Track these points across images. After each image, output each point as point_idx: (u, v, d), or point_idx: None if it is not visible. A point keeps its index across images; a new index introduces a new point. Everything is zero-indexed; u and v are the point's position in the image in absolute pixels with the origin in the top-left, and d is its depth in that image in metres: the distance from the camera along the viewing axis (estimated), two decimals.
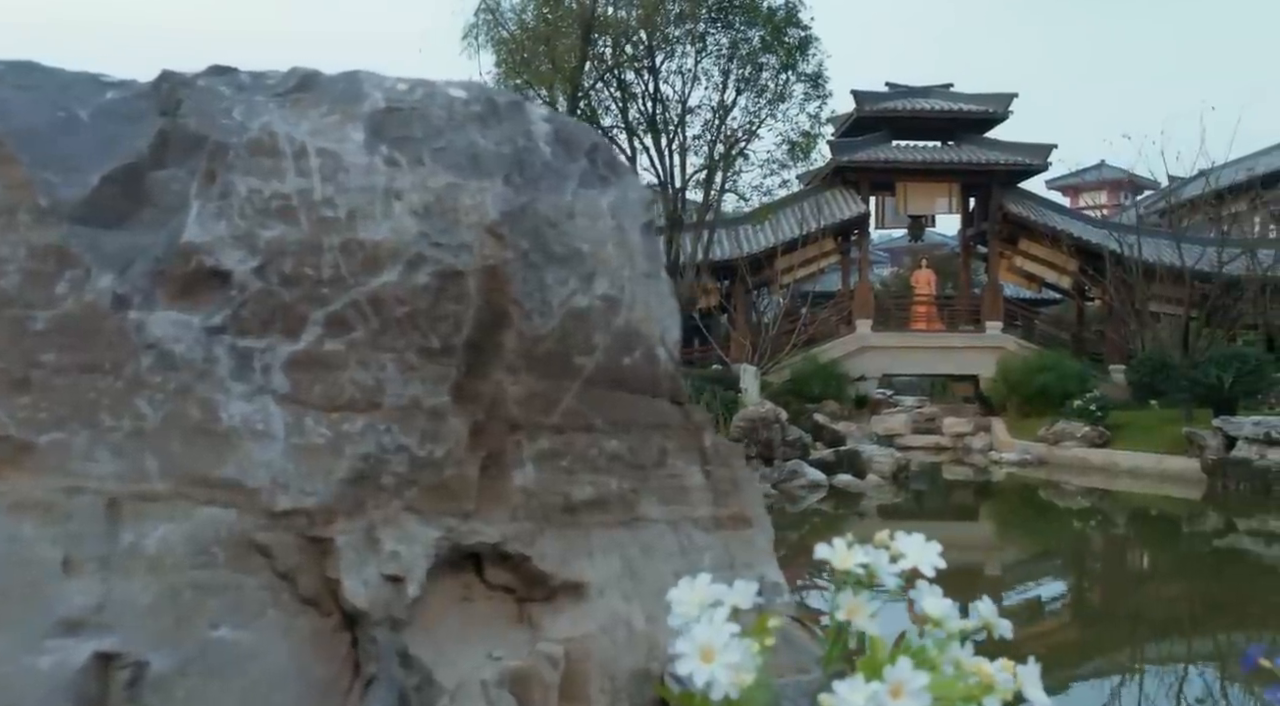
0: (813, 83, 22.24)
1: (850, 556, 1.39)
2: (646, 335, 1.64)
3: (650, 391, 1.69)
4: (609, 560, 1.62)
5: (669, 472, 1.83)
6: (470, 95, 1.48)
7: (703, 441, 2.00)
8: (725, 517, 2.01)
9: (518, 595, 1.55)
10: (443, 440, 1.42)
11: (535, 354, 1.48)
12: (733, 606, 1.33)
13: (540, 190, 1.49)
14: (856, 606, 1.36)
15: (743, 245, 25.46)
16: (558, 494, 1.54)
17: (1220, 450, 16.76)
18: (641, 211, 1.67)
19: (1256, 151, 30.48)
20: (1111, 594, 10.11)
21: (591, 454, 1.59)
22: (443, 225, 1.39)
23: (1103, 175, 43.80)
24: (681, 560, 1.83)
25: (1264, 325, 22.72)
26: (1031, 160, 25.79)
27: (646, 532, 1.73)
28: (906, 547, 1.40)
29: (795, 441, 17.24)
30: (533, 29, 19.60)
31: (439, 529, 1.41)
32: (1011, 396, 23.64)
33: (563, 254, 1.50)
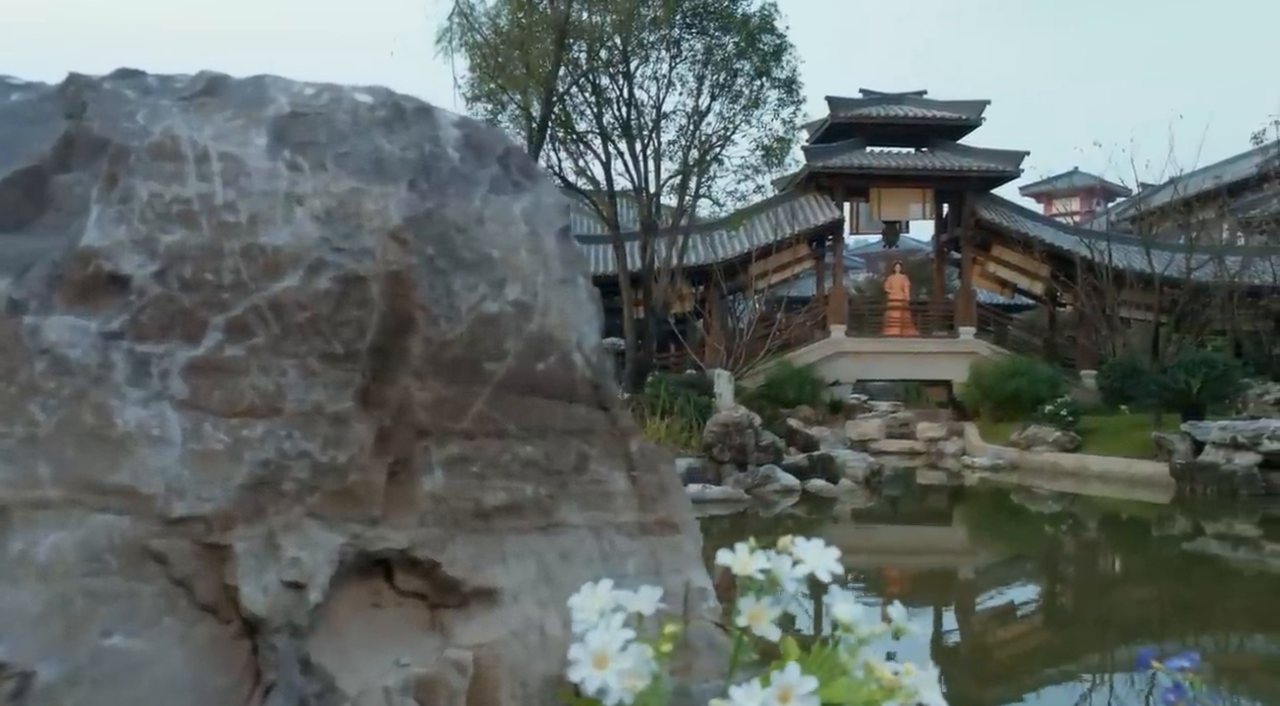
0: (787, 89, 22.33)
1: (751, 562, 1.40)
2: (562, 341, 1.64)
3: (567, 397, 1.69)
4: (524, 566, 1.62)
5: (591, 478, 1.83)
6: (376, 100, 1.48)
7: (629, 447, 2.00)
8: (652, 523, 2.01)
9: (429, 601, 1.55)
10: (346, 445, 1.41)
11: (443, 359, 1.48)
12: (634, 612, 1.33)
13: (448, 196, 1.48)
14: (758, 612, 1.36)
15: (717, 250, 25.53)
16: (468, 499, 1.54)
17: (1188, 454, 16.92)
18: (557, 217, 1.67)
19: (1224, 160, 30.86)
20: (1082, 597, 10.19)
21: (504, 459, 1.59)
22: (345, 230, 1.39)
23: (1076, 182, 44.19)
24: (603, 566, 1.83)
25: (1232, 331, 22.99)
26: (1004, 167, 26.01)
27: (565, 538, 1.73)
28: (805, 553, 1.41)
29: (769, 446, 17.28)
30: (506, 33, 19.57)
31: (343, 535, 1.41)
32: (984, 401, 23.81)
33: (472, 259, 1.50)
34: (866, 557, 12.70)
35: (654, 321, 22.08)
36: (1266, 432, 16.21)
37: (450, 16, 19.49)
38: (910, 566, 12.34)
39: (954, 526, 16.02)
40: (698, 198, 22.90)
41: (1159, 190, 26.07)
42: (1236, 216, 26.43)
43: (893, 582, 11.29)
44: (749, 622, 1.34)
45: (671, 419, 18.36)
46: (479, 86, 20.47)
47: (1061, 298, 26.58)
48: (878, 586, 11.10)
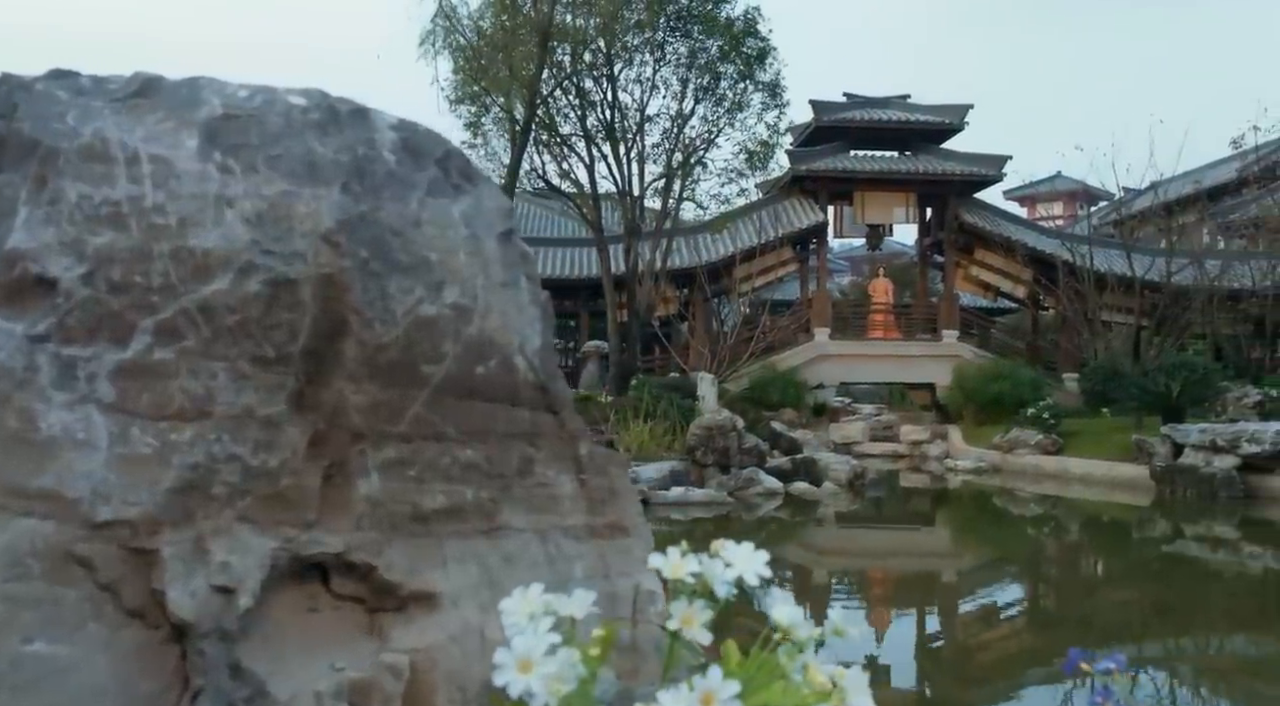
0: (770, 92, 22.40)
1: (682, 566, 1.39)
2: (502, 344, 1.64)
3: (509, 400, 1.69)
4: (465, 569, 1.61)
5: (537, 481, 1.83)
6: (310, 102, 1.47)
7: (578, 450, 2.00)
8: (601, 526, 2.01)
9: (368, 605, 1.54)
10: (278, 449, 1.40)
11: (379, 362, 1.47)
12: (565, 616, 1.33)
13: (383, 199, 1.48)
14: (690, 615, 1.36)
15: (701, 253, 25.54)
16: (406, 503, 1.53)
17: (1168, 457, 16.99)
18: (499, 220, 1.67)
19: (1204, 165, 31.07)
20: (1062, 599, 10.21)
21: (443, 463, 1.58)
22: (276, 233, 1.38)
23: (1058, 186, 44.43)
24: (549, 569, 1.83)
25: (1212, 334, 23.14)
26: (987, 171, 26.11)
27: (509, 542, 1.73)
28: (735, 556, 1.41)
29: (752, 449, 17.29)
30: (490, 36, 19.55)
31: (276, 539, 1.40)
32: (967, 404, 23.89)
33: (408, 262, 1.50)
34: (849, 560, 12.73)
35: (638, 324, 22.08)
36: (1245, 435, 16.29)
37: (434, 19, 19.48)
38: (892, 569, 12.35)
39: (936, 529, 16.06)
40: (681, 201, 22.93)
41: (1140, 194, 26.23)
42: (1216, 221, 26.61)
43: (874, 585, 11.31)
44: (681, 626, 1.34)
45: (655, 422, 18.36)
46: (462, 89, 20.45)
47: (1044, 301, 26.70)
48: (859, 588, 11.12)
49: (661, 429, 18.21)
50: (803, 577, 11.46)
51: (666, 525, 14.12)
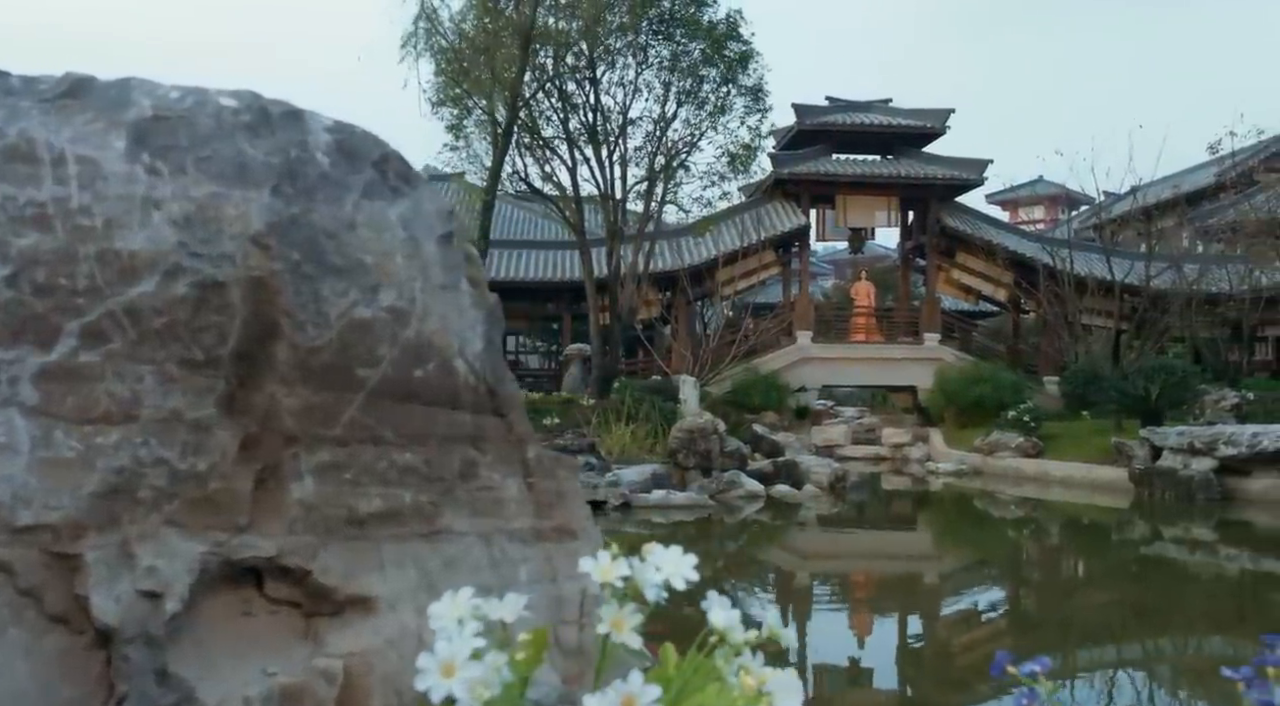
0: (753, 96, 22.46)
1: (612, 569, 1.39)
2: (442, 347, 1.63)
3: (449, 404, 1.68)
4: (403, 574, 1.60)
5: (481, 485, 1.82)
6: (241, 104, 1.46)
7: (525, 453, 1.99)
8: (548, 529, 2.00)
9: (303, 609, 1.53)
10: (207, 452, 1.39)
11: (312, 365, 1.47)
12: (496, 620, 1.32)
13: (316, 201, 1.47)
14: (620, 619, 1.36)
15: (684, 256, 25.60)
16: (342, 506, 1.52)
17: (1147, 460, 17.09)
18: (438, 223, 1.66)
19: (1183, 170, 31.31)
20: (1041, 601, 10.25)
21: (380, 466, 1.57)
22: (204, 235, 1.37)
23: (1040, 190, 44.71)
24: (492, 573, 1.82)
25: (1191, 337, 23.32)
26: (968, 175, 26.26)
27: (450, 546, 1.72)
28: (663, 560, 1.40)
29: (733, 452, 17.32)
30: (472, 38, 19.53)
31: (205, 543, 1.39)
32: (949, 407, 23.99)
33: (342, 265, 1.49)
34: (830, 563, 12.76)
35: (620, 327, 22.09)
36: (1222, 438, 16.40)
37: (415, 21, 19.44)
38: (873, 571, 12.39)
39: (917, 532, 16.11)
40: (664, 204, 22.96)
41: (1120, 199, 26.43)
42: (1195, 225, 26.83)
43: (855, 587, 11.34)
44: (610, 629, 1.34)
45: (637, 424, 18.36)
46: (444, 91, 20.42)
47: (1025, 304, 26.87)
48: (841, 591, 11.14)
49: (643, 431, 18.22)
50: (784, 580, 11.49)
51: (648, 528, 14.12)
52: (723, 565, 12.03)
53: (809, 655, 7.83)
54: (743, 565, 12.15)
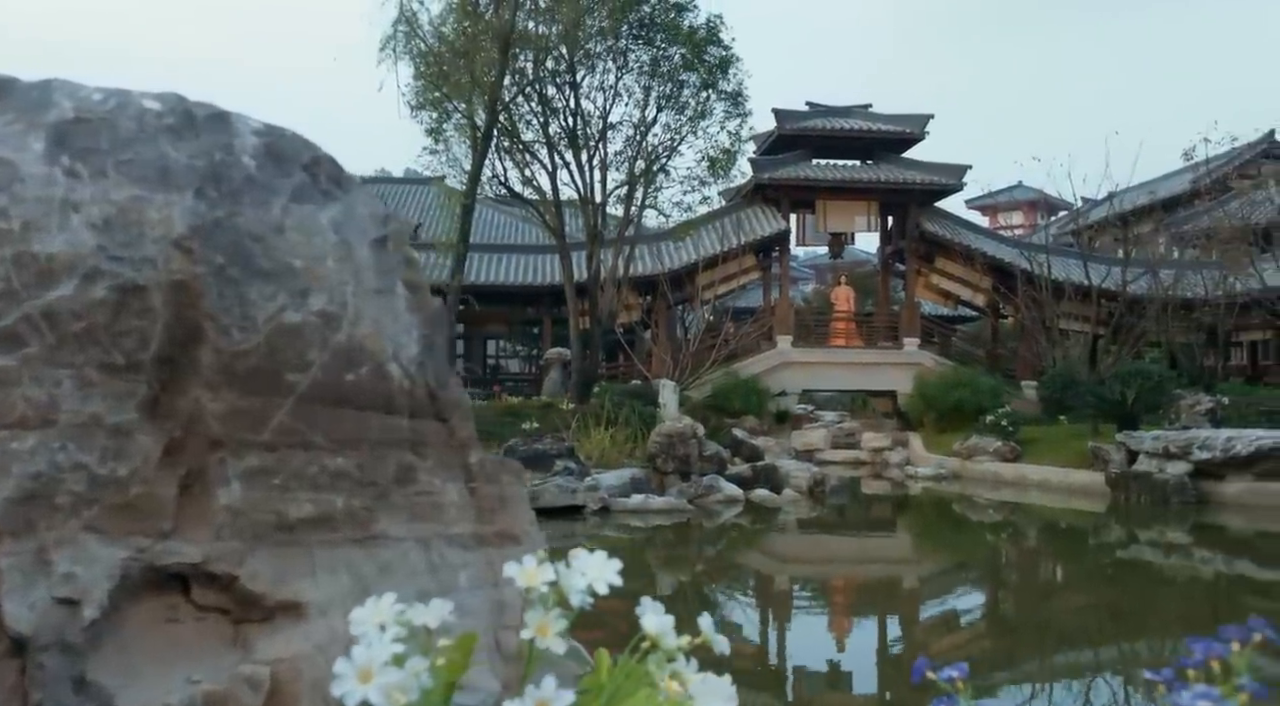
0: (733, 101, 22.50)
1: (537, 574, 1.38)
2: (375, 351, 1.62)
3: (383, 408, 1.67)
4: (336, 579, 1.59)
5: (419, 490, 1.81)
6: (165, 107, 1.45)
7: (467, 458, 1.99)
8: (490, 534, 2.00)
9: (232, 616, 1.52)
10: (128, 457, 1.38)
11: (238, 370, 1.45)
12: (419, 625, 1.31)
13: (242, 204, 1.46)
14: (544, 624, 1.35)
15: (664, 261, 25.60)
16: (270, 512, 1.51)
17: (1123, 464, 17.19)
18: (372, 227, 1.65)
19: (1159, 176, 31.57)
20: (1018, 605, 10.28)
21: (311, 471, 1.56)
22: (124, 239, 1.36)
23: (1019, 196, 44.97)
24: (431, 578, 1.81)
25: (1167, 342, 23.47)
26: (947, 180, 26.35)
27: (386, 551, 1.71)
28: (586, 565, 1.39)
29: (713, 456, 17.32)
30: (451, 42, 19.49)
31: (127, 549, 1.38)
32: (928, 411, 24.06)
33: (269, 269, 1.48)
34: (810, 567, 12.77)
35: (600, 331, 22.07)
36: (1197, 442, 16.51)
37: (394, 24, 19.38)
38: (852, 575, 12.41)
39: (896, 536, 16.15)
40: (644, 208, 22.98)
41: (1098, 205, 26.60)
42: (1170, 231, 27.03)
43: (834, 591, 11.35)
44: (535, 635, 1.33)
45: (616, 429, 18.35)
46: (423, 95, 20.37)
47: (1003, 309, 26.99)
48: (820, 595, 11.15)
49: (623, 436, 18.21)
50: (761, 584, 11.49)
51: (626, 532, 14.10)
52: (701, 569, 12.03)
53: (788, 659, 7.85)
54: (721, 569, 12.15)
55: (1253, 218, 23.96)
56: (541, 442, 16.10)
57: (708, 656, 1.21)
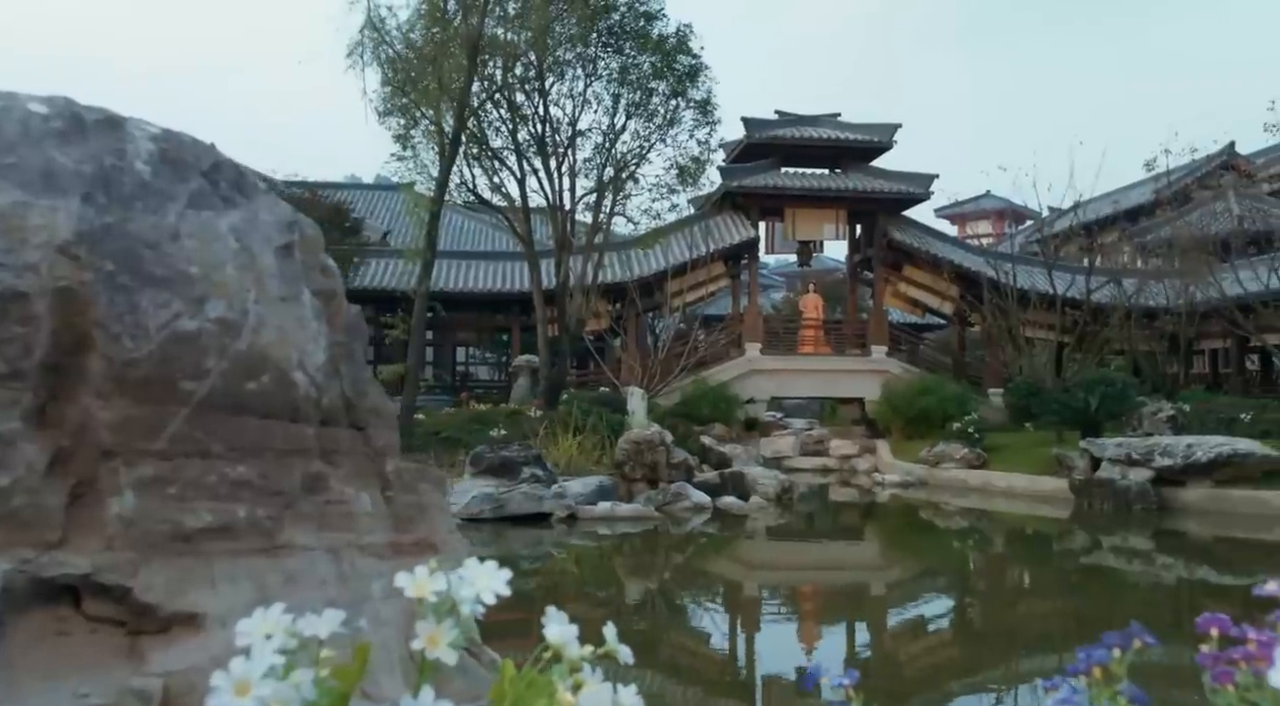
0: (702, 109, 22.56)
1: (427, 584, 1.36)
2: (278, 359, 1.61)
3: (288, 416, 1.65)
4: (237, 589, 1.57)
5: (330, 498, 1.80)
6: (53, 111, 1.43)
7: (383, 467, 1.97)
8: (407, 544, 1.98)
9: (127, 628, 1.49)
10: (10, 467, 1.36)
11: (130, 378, 1.43)
12: (307, 637, 1.29)
13: (134, 210, 1.44)
14: (435, 635, 1.33)
15: (633, 268, 25.62)
16: (166, 521, 1.49)
17: (1087, 471, 17.35)
18: (277, 234, 1.64)
19: (1123, 186, 31.97)
20: (983, 611, 10.35)
21: (209, 480, 1.54)
22: (5, 245, 1.34)
23: (988, 205, 45.41)
24: (341, 588, 1.79)
25: (1130, 350, 23.74)
26: (915, 189, 26.55)
27: (292, 560, 1.69)
28: (475, 575, 1.38)
29: (680, 464, 17.33)
30: (419, 48, 19.43)
31: (10, 560, 1.35)
32: (895, 418, 24.19)
33: (163, 276, 1.46)
34: (776, 574, 12.80)
35: (568, 339, 22.04)
36: (1158, 449, 16.72)
37: (362, 30, 19.31)
38: (817, 581, 12.44)
39: (863, 543, 16.22)
40: (612, 215, 22.98)
41: (1063, 214, 26.90)
42: (1134, 241, 27.37)
43: (802, 599, 11.38)
44: (425, 646, 1.31)
45: (584, 436, 18.32)
46: (391, 101, 20.30)
47: (970, 318, 27.21)
48: (782, 601, 11.17)
49: (591, 443, 18.18)
50: (729, 592, 11.49)
51: (593, 540, 14.07)
52: (669, 577, 12.02)
53: (756, 666, 7.86)
54: (688, 577, 12.14)
55: (1212, 228, 24.32)
56: (509, 450, 16.03)
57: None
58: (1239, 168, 30.55)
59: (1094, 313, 23.42)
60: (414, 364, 18.46)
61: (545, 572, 12.43)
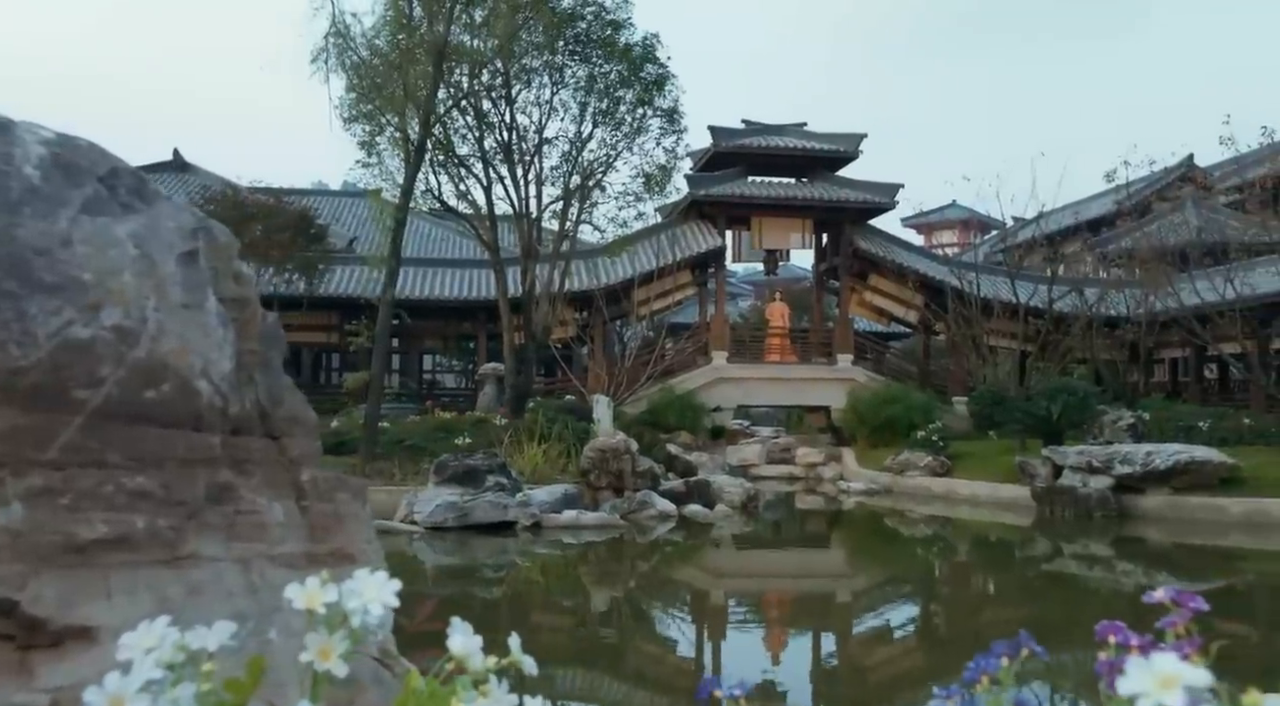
0: (669, 118, 22.63)
1: (318, 596, 1.35)
2: (180, 368, 1.58)
3: (191, 425, 1.63)
4: (136, 602, 1.54)
5: (240, 508, 1.77)
6: None
7: (299, 476, 1.95)
8: (323, 554, 1.96)
9: (17, 642, 1.46)
10: None
11: (18, 387, 1.41)
12: (194, 649, 1.27)
13: (22, 216, 1.41)
14: (326, 648, 1.31)
15: (600, 276, 25.62)
16: (57, 533, 1.46)
17: (1048, 478, 17.51)
18: (180, 240, 1.61)
19: (1085, 197, 32.40)
20: (949, 618, 10.39)
21: (106, 491, 1.51)
22: None
23: (953, 214, 45.84)
24: (250, 599, 1.77)
25: (1092, 359, 24.01)
26: (880, 198, 26.74)
27: (198, 572, 1.66)
28: (362, 587, 1.37)
29: (646, 472, 17.32)
30: (385, 54, 19.35)
31: None
32: (861, 427, 24.32)
33: (54, 283, 1.43)
34: (736, 581, 12.82)
35: (535, 347, 21.99)
36: (1118, 457, 16.90)
37: (326, 37, 19.19)
38: (779, 589, 12.47)
39: (827, 551, 16.27)
40: (579, 223, 22.98)
41: (1027, 224, 27.20)
42: (1095, 251, 27.71)
43: (761, 606, 11.39)
44: (316, 658, 1.29)
45: (550, 444, 18.27)
46: (356, 107, 20.19)
47: (935, 326, 27.42)
48: (744, 608, 11.19)
49: (556, 451, 18.13)
50: (694, 600, 11.49)
51: (559, 549, 14.03)
52: (635, 585, 12.00)
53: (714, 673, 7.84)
54: (653, 585, 12.13)
55: (1171, 239, 24.69)
56: (473, 458, 15.93)
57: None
58: (1197, 180, 31.05)
59: (1056, 322, 23.66)
60: (378, 371, 18.32)
61: (509, 582, 12.37)
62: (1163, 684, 0.85)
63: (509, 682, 1.27)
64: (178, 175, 35.34)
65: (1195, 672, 0.84)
